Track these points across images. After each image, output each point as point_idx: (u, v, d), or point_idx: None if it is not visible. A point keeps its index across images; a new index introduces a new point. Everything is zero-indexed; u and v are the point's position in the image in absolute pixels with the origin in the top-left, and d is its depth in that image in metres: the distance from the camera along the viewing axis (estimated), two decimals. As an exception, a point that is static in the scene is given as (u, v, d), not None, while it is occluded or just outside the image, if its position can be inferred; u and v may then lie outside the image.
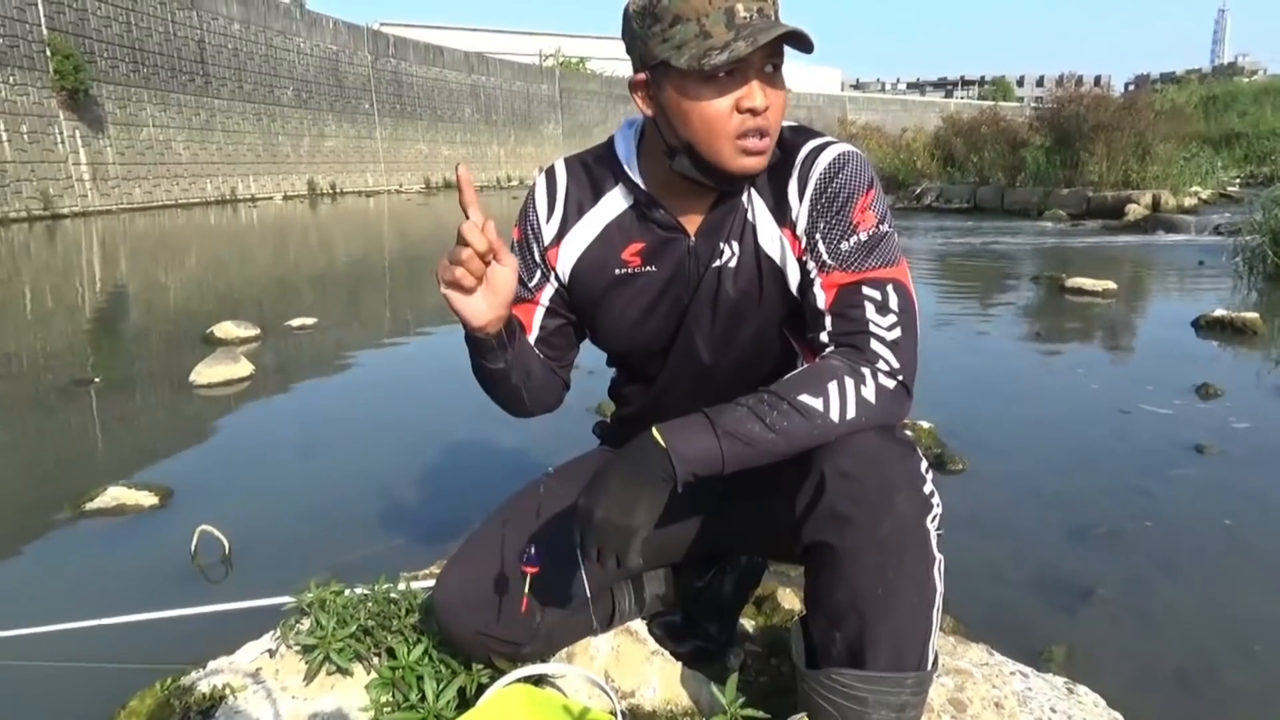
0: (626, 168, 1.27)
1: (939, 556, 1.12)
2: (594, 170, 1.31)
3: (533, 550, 1.18)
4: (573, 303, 1.34)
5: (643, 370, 1.40)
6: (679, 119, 1.15)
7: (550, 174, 1.33)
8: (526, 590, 1.18)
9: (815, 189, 1.20)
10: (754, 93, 1.11)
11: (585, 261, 1.30)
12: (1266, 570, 2.28)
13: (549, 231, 1.30)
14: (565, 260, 1.30)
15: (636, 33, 1.15)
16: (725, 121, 1.12)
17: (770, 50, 1.11)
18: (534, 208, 1.31)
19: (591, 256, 1.29)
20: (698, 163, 1.17)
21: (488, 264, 1.06)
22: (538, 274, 1.31)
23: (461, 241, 1.04)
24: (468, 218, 1.04)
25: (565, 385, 1.40)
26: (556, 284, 1.32)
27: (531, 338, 1.31)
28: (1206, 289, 6.95)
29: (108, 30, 19.31)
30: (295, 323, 5.75)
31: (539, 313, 1.32)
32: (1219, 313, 5.20)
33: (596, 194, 1.30)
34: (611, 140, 1.31)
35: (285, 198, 24.68)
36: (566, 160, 1.34)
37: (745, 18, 1.09)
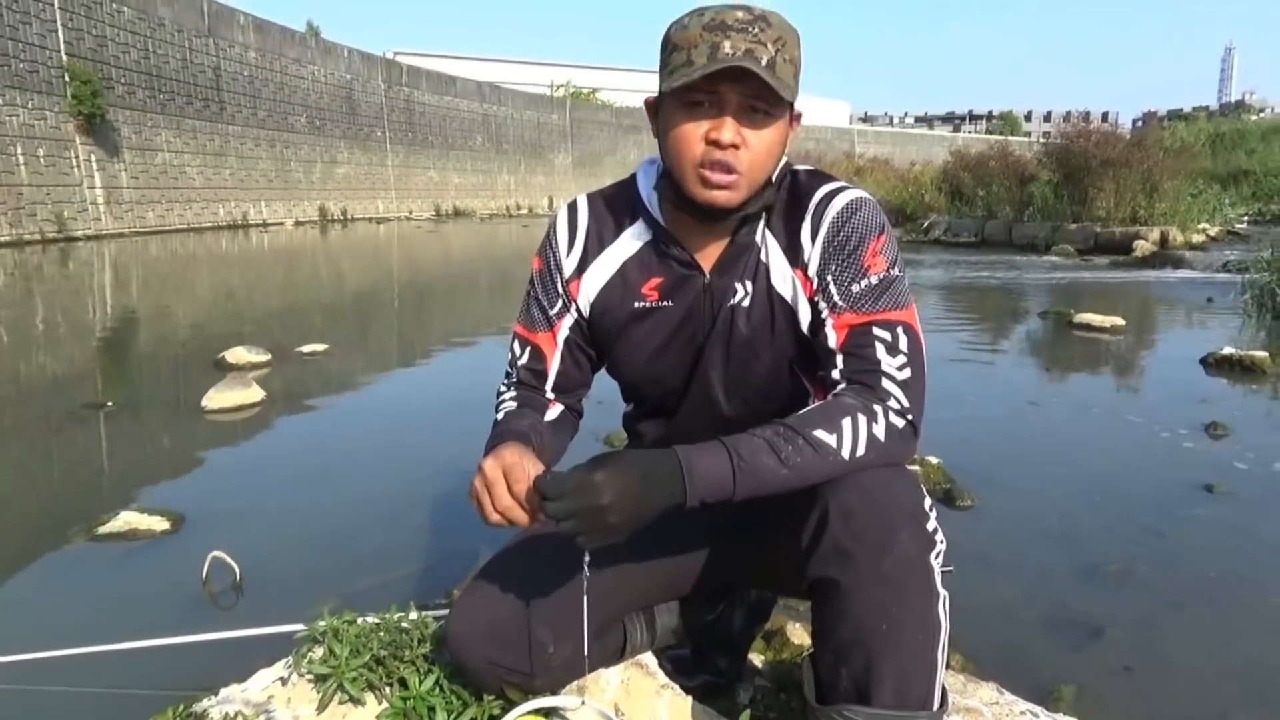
0: (647, 204, 1.31)
1: (944, 593, 1.12)
2: (615, 206, 1.35)
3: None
4: (593, 335, 1.36)
5: (658, 404, 1.42)
6: (662, 140, 1.22)
7: (572, 209, 1.36)
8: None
9: (828, 232, 1.23)
10: (723, 126, 1.15)
11: (606, 295, 1.33)
12: (1278, 614, 2.27)
13: (569, 265, 1.34)
14: (586, 293, 1.34)
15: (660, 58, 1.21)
16: (691, 147, 1.17)
17: (749, 92, 1.13)
18: (554, 241, 1.35)
19: (612, 289, 1.33)
20: (673, 185, 1.23)
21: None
22: (559, 303, 1.34)
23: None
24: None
25: (579, 416, 1.42)
26: (576, 315, 1.35)
27: (552, 368, 1.35)
28: (1215, 326, 6.95)
29: (125, 57, 19.60)
30: (306, 349, 5.77)
31: (559, 340, 1.35)
32: (1228, 350, 5.20)
33: (617, 229, 1.33)
34: (634, 176, 1.35)
35: (297, 223, 24.86)
36: (589, 196, 1.38)
37: (728, 54, 1.11)
